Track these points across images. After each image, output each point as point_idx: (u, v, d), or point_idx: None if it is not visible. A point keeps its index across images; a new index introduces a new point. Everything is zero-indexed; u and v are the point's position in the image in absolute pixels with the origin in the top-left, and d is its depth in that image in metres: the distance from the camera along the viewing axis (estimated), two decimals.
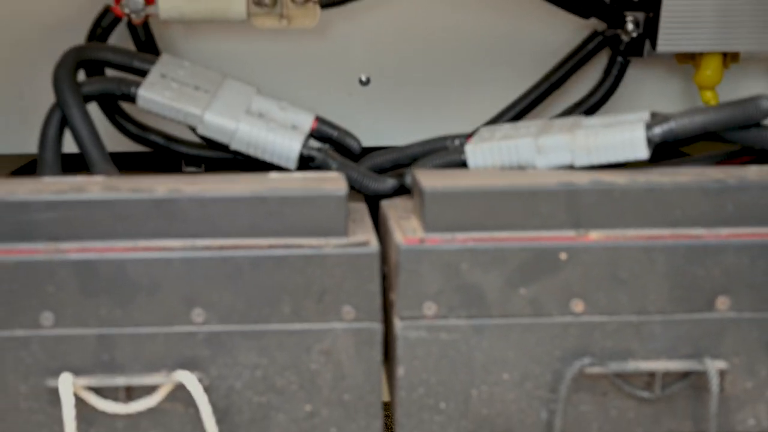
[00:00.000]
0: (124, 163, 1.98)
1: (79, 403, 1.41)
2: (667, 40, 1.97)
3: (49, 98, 1.95)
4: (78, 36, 1.97)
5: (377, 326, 1.46)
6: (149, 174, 2.00)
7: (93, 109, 1.89)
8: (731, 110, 1.64)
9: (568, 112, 2.06)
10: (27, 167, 2.18)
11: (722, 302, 1.47)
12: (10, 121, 2.08)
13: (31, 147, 2.06)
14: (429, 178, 1.55)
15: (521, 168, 1.70)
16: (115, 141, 2.02)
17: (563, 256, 1.45)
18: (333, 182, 1.53)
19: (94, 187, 1.50)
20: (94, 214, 1.45)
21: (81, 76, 1.91)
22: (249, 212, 1.47)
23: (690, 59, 2.06)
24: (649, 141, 1.59)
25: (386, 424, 1.55)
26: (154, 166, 2.10)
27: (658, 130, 1.60)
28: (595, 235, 1.47)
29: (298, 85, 2.07)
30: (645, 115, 1.67)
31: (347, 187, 1.53)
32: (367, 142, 2.05)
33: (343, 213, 1.48)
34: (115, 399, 1.43)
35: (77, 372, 1.42)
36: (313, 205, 1.47)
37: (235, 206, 1.47)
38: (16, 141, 2.10)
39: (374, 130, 2.12)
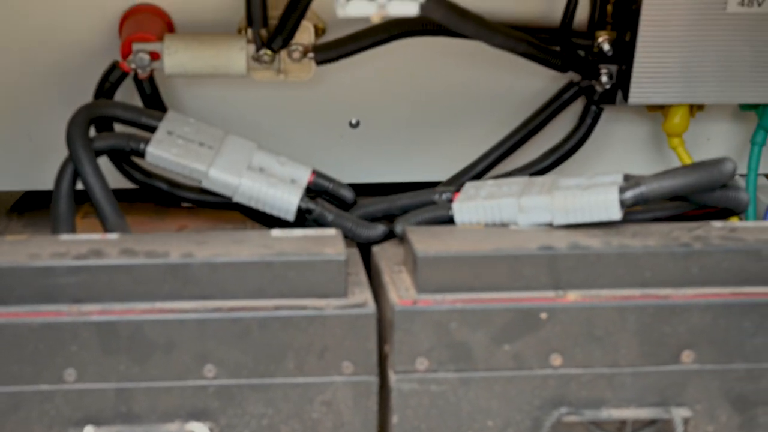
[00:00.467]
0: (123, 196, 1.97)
1: None
2: (638, 94, 1.98)
3: (54, 139, 1.98)
4: (84, 83, 1.97)
5: (374, 379, 1.50)
6: (155, 219, 2.02)
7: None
8: (698, 175, 1.67)
9: (546, 156, 2.06)
10: (20, 202, 2.19)
11: (687, 356, 1.53)
12: (18, 159, 2.07)
13: (35, 185, 2.11)
14: (421, 242, 1.58)
15: (504, 225, 1.73)
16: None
17: (544, 315, 1.50)
18: (332, 245, 1.56)
19: (112, 250, 1.53)
20: (113, 278, 1.48)
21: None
22: (256, 276, 1.50)
23: (659, 108, 2.08)
24: (622, 204, 1.62)
25: None
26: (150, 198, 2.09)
27: (629, 195, 1.62)
28: (572, 296, 1.53)
29: (293, 128, 2.08)
30: (618, 178, 1.69)
31: (346, 252, 1.57)
32: (357, 179, 2.08)
33: (343, 276, 1.52)
34: None
35: (98, 423, 1.46)
36: (315, 269, 1.51)
37: (243, 270, 1.50)
38: (22, 179, 2.10)
39: (363, 168, 2.14)
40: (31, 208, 2.14)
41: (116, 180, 1.91)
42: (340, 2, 1.36)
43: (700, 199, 1.73)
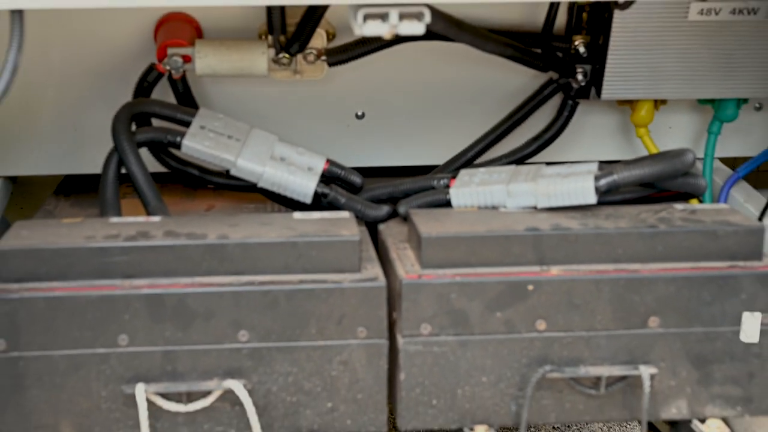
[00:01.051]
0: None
1: (150, 405, 1.47)
2: (610, 90, 1.97)
3: (95, 130, 2.01)
4: (123, 82, 1.97)
5: (384, 342, 1.54)
6: (186, 199, 2.02)
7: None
8: (663, 165, 1.69)
9: (529, 144, 2.06)
10: (64, 183, 2.18)
11: (653, 321, 1.57)
12: (63, 147, 2.06)
13: (78, 169, 2.10)
14: (424, 224, 1.61)
15: (495, 208, 1.74)
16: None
17: (530, 287, 1.54)
18: (348, 227, 1.59)
19: (157, 232, 1.56)
20: (159, 256, 1.51)
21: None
22: (283, 254, 1.53)
23: (627, 103, 2.08)
24: (597, 190, 1.66)
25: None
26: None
27: (603, 182, 1.66)
28: (555, 271, 1.57)
29: (307, 120, 2.07)
30: (593, 167, 1.72)
31: (360, 232, 1.60)
32: (362, 163, 2.08)
33: (358, 254, 1.55)
34: (178, 401, 1.49)
35: (147, 380, 1.49)
36: (334, 248, 1.54)
37: (271, 249, 1.53)
38: (66, 164, 2.08)
39: (367, 153, 2.13)
40: (74, 190, 2.12)
41: (148, 164, 1.89)
42: (358, 23, 1.38)
43: (664, 185, 1.76)
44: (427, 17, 1.41)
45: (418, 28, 1.39)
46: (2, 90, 1.29)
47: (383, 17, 1.39)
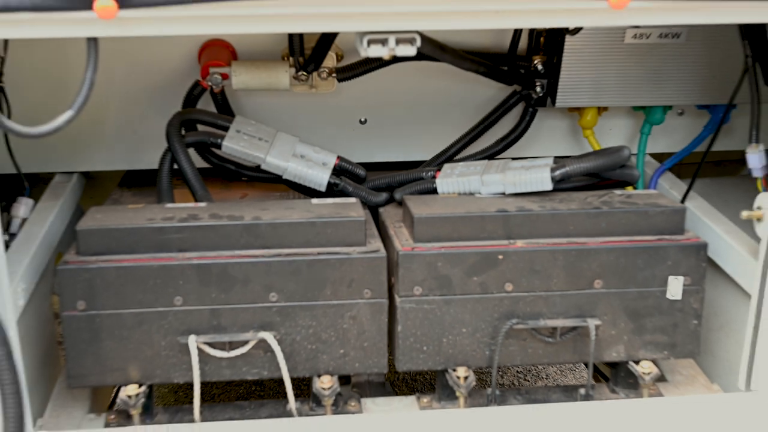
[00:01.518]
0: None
1: (200, 352, 1.49)
2: (562, 99, 1.97)
3: (151, 133, 1.98)
4: (175, 94, 1.96)
5: (385, 301, 1.55)
6: (224, 189, 2.00)
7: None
8: (605, 159, 1.71)
9: (498, 142, 2.05)
10: (126, 177, 2.17)
11: (597, 283, 1.58)
12: (125, 147, 2.04)
13: (137, 165, 2.08)
14: (416, 207, 1.63)
15: (472, 194, 1.75)
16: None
17: (500, 257, 1.56)
18: (355, 210, 1.60)
19: (203, 215, 1.57)
20: (206, 234, 1.53)
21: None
22: (304, 231, 1.55)
23: (576, 109, 2.07)
24: (552, 179, 1.67)
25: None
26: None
27: (557, 173, 1.68)
28: (519, 244, 1.58)
29: (320, 124, 2.06)
30: (550, 161, 1.73)
31: (365, 214, 1.61)
32: (365, 159, 2.05)
33: (363, 231, 1.56)
34: (221, 349, 1.51)
35: (197, 333, 1.51)
36: (345, 226, 1.55)
37: (295, 228, 1.55)
38: (128, 161, 2.07)
39: (369, 151, 2.12)
40: (135, 183, 2.11)
41: (195, 161, 1.89)
42: (363, 47, 1.38)
43: (606, 175, 1.76)
44: (418, 42, 1.42)
45: (411, 50, 1.40)
46: (81, 102, 1.30)
47: (383, 42, 1.40)
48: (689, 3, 1.27)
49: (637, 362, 1.65)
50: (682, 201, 1.86)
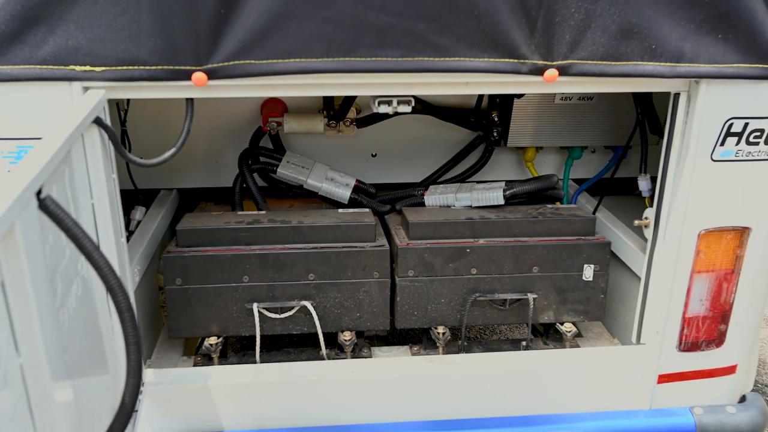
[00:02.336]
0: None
1: (260, 315, 1.51)
2: (512, 141, 1.96)
3: (229, 162, 1.98)
4: (244, 135, 1.95)
5: (388, 280, 1.55)
6: (277, 201, 1.97)
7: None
8: (540, 183, 1.70)
9: (466, 171, 2.03)
10: (209, 193, 2.10)
11: (535, 269, 1.58)
12: (210, 171, 2.01)
13: (219, 184, 2.04)
14: (410, 214, 1.63)
15: (448, 207, 1.73)
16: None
17: (468, 250, 1.55)
18: (369, 217, 1.59)
19: (264, 219, 1.57)
20: (265, 233, 1.53)
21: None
22: (333, 232, 1.55)
23: (521, 148, 2.06)
24: (504, 197, 1.67)
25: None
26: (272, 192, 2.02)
27: (508, 193, 1.67)
28: (481, 241, 1.57)
29: (344, 157, 2.04)
30: (502, 184, 1.72)
31: (375, 220, 1.60)
32: (375, 181, 2.04)
33: (374, 232, 1.56)
34: (275, 312, 1.52)
35: (259, 301, 1.51)
36: (361, 228, 1.55)
37: (326, 229, 1.54)
38: (211, 180, 2.03)
39: (377, 176, 2.08)
40: (215, 197, 2.09)
41: (258, 182, 1.90)
42: (375, 105, 1.40)
43: (543, 194, 1.75)
44: (413, 102, 1.44)
45: (407, 109, 1.42)
46: (181, 142, 1.31)
47: (389, 103, 1.42)
48: (596, 79, 1.28)
49: (561, 324, 1.65)
50: (594, 212, 1.86)
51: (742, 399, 1.64)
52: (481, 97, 1.96)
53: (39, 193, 0.78)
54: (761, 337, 2.82)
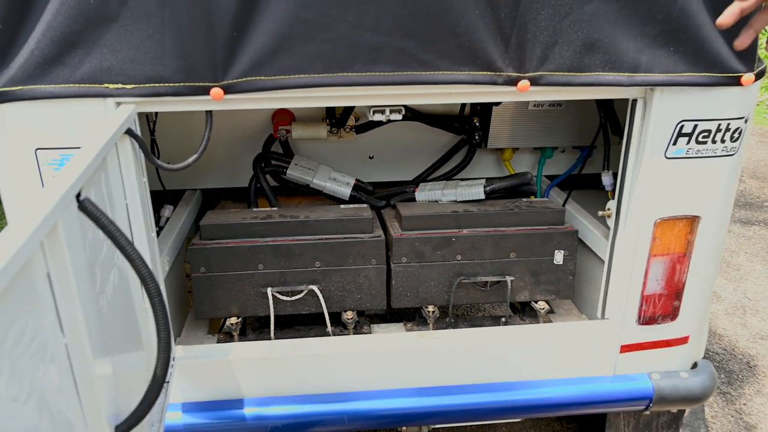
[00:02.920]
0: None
1: (274, 298, 1.50)
2: (491, 143, 1.94)
3: (245, 165, 1.96)
4: (257, 141, 1.94)
5: (384, 266, 1.54)
6: (287, 198, 1.95)
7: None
8: (516, 179, 1.70)
9: (452, 170, 2.01)
10: (228, 192, 2.08)
11: (512, 254, 1.58)
12: (228, 174, 2.01)
13: (236, 184, 2.03)
14: (403, 209, 1.62)
15: (436, 201, 1.73)
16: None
17: (453, 239, 1.55)
18: (367, 212, 1.59)
19: (275, 215, 1.57)
20: (277, 226, 1.53)
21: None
22: (336, 224, 1.54)
23: (499, 149, 2.05)
24: (485, 192, 1.67)
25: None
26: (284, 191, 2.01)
27: (488, 188, 1.67)
28: (465, 231, 1.57)
29: (345, 159, 2.03)
30: (483, 181, 1.72)
31: (372, 214, 1.60)
32: (372, 179, 2.04)
33: (371, 224, 1.55)
34: (287, 295, 1.52)
35: (272, 286, 1.51)
36: (360, 221, 1.55)
37: (330, 222, 1.54)
38: (229, 181, 2.02)
39: (374, 176, 2.08)
40: (233, 196, 2.08)
41: (270, 182, 1.91)
42: (370, 114, 1.40)
43: (519, 189, 1.75)
44: (404, 111, 1.43)
45: (398, 117, 1.42)
46: (202, 149, 1.30)
47: (382, 111, 1.42)
48: (563, 88, 1.28)
49: (536, 302, 1.65)
50: (563, 205, 1.86)
51: (695, 365, 1.65)
52: (464, 105, 1.95)
53: (78, 195, 0.79)
54: (711, 311, 2.83)
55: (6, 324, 0.56)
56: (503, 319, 1.65)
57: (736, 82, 1.28)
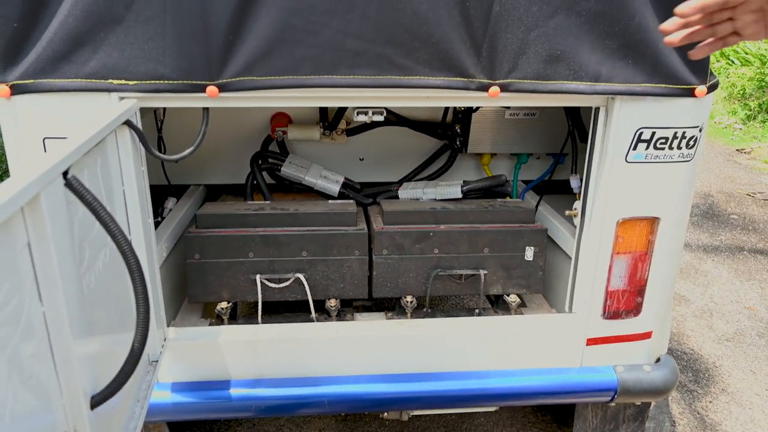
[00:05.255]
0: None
1: (262, 285, 1.49)
2: (471, 148, 1.93)
3: (243, 162, 1.95)
4: (256, 141, 1.94)
5: (366, 258, 1.53)
6: (281, 195, 1.95)
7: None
8: (492, 181, 1.69)
9: (435, 173, 2.01)
10: (228, 188, 2.06)
11: (486, 250, 1.56)
12: (229, 170, 2.00)
13: (236, 181, 2.02)
14: (386, 205, 1.61)
15: (417, 199, 1.73)
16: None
17: (431, 234, 1.54)
18: (351, 206, 1.58)
19: (267, 207, 1.56)
20: (269, 218, 1.51)
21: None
22: (323, 218, 1.53)
23: (478, 154, 2.03)
24: (462, 192, 1.66)
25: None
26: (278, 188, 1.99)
27: (465, 188, 1.66)
28: (443, 227, 1.55)
29: (336, 160, 2.02)
30: (461, 182, 1.71)
31: (357, 208, 1.59)
32: (361, 179, 2.02)
33: (355, 218, 1.54)
34: (275, 282, 1.50)
35: (261, 273, 1.49)
36: (345, 215, 1.54)
37: (317, 215, 1.53)
38: (230, 178, 2.02)
39: (363, 176, 2.07)
40: (235, 191, 2.08)
41: (266, 179, 1.90)
42: (356, 115, 1.39)
43: (495, 190, 1.76)
44: (385, 113, 1.43)
45: (380, 118, 1.41)
46: (198, 143, 1.29)
47: (366, 113, 1.41)
48: (530, 95, 1.27)
49: (508, 295, 1.64)
50: (537, 207, 1.84)
51: (658, 360, 1.63)
52: (446, 112, 1.94)
53: (66, 173, 0.78)
54: (679, 314, 2.81)
55: None
56: (477, 311, 1.62)
57: (690, 93, 1.28)
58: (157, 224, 1.55)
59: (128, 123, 1.16)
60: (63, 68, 1.13)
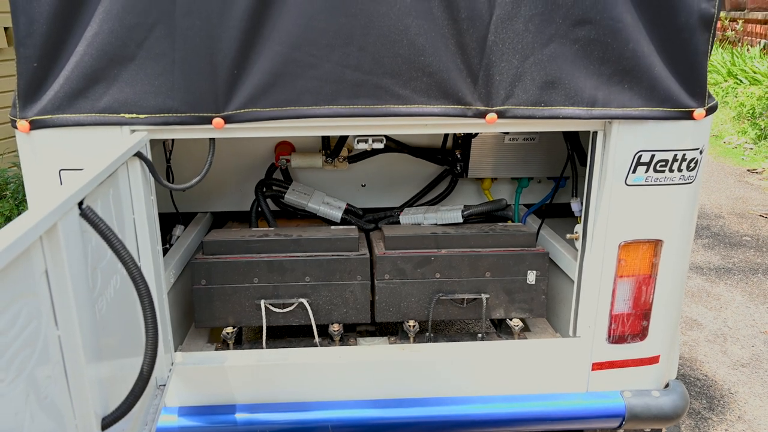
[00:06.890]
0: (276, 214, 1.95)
1: (267, 309, 1.51)
2: (472, 173, 1.95)
3: (248, 190, 1.99)
4: (260, 170, 1.98)
5: (369, 282, 1.55)
6: (286, 221, 1.98)
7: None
8: (493, 205, 1.71)
9: (436, 198, 2.02)
10: (233, 215, 2.10)
11: (487, 273, 1.57)
12: (235, 198, 2.02)
13: (240, 208, 2.05)
14: (387, 230, 1.64)
15: (418, 224, 1.74)
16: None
17: (433, 258, 1.55)
18: (354, 232, 1.60)
19: (272, 234, 1.59)
20: (272, 244, 1.55)
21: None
22: (325, 243, 1.56)
23: (479, 179, 2.05)
24: (462, 216, 1.68)
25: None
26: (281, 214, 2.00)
27: (465, 213, 1.69)
28: (444, 251, 1.57)
29: (338, 187, 2.04)
30: (461, 206, 1.73)
31: (359, 234, 1.62)
32: (363, 205, 2.05)
33: (357, 243, 1.57)
34: (279, 307, 1.52)
35: (266, 298, 1.52)
36: (347, 241, 1.56)
37: (320, 241, 1.56)
38: (235, 204, 2.04)
39: (365, 202, 2.07)
40: (238, 218, 2.08)
41: (271, 206, 1.93)
42: (357, 143, 1.44)
43: (494, 215, 1.76)
44: (384, 141, 1.47)
45: (380, 145, 1.46)
46: (204, 172, 1.33)
47: (366, 140, 1.46)
48: (527, 121, 1.30)
49: (510, 319, 1.64)
50: (538, 230, 1.85)
51: (667, 385, 1.61)
52: (446, 138, 1.97)
53: (81, 204, 0.84)
54: (692, 338, 2.76)
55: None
56: (480, 335, 1.62)
57: (689, 116, 1.30)
58: (165, 251, 1.60)
59: (139, 155, 1.22)
60: (79, 104, 1.19)
